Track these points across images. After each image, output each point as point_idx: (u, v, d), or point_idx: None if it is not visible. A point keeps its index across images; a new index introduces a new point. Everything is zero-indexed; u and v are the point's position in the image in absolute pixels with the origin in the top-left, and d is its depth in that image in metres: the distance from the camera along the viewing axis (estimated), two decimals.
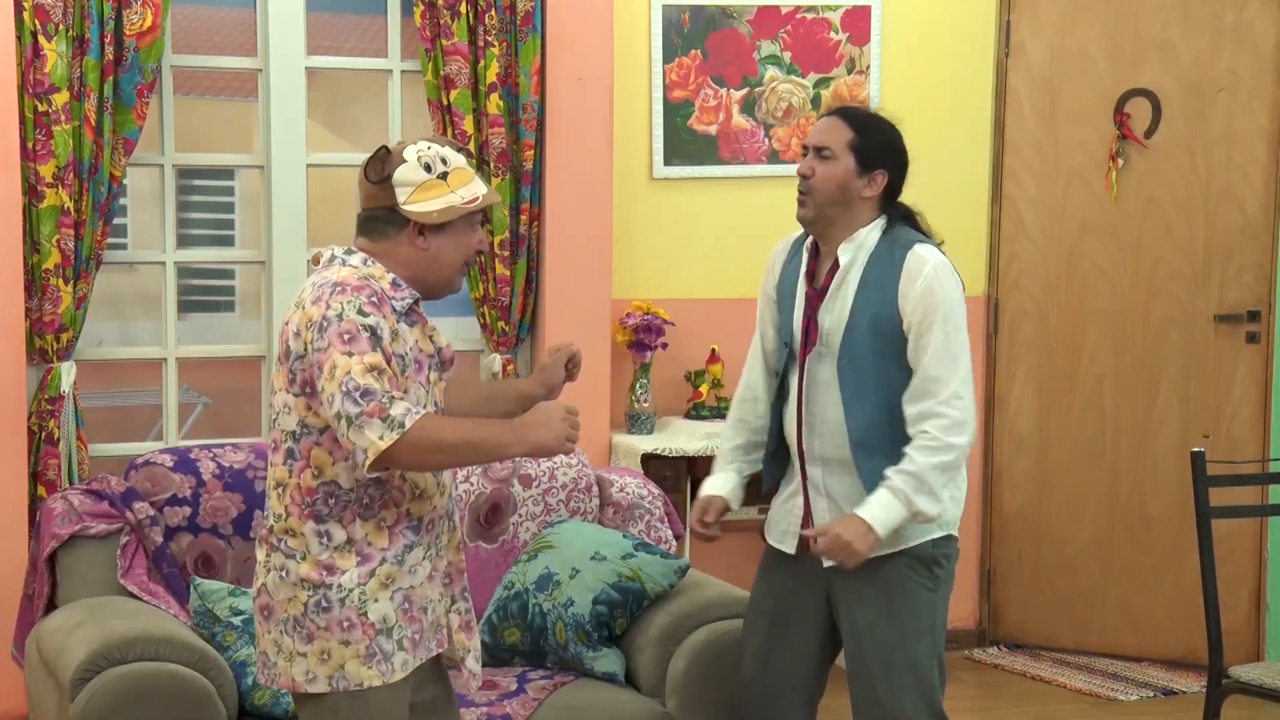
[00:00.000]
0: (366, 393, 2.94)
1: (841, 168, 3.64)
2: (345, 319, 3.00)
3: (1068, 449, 6.07)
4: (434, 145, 3.16)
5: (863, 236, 3.67)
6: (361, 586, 3.07)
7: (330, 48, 7.70)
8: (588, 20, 5.25)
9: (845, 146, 3.65)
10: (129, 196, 6.31)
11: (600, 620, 4.21)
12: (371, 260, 3.13)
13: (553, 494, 4.62)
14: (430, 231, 3.13)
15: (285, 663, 3.12)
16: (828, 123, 3.72)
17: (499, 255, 5.20)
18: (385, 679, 3.09)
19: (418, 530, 3.14)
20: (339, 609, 3.06)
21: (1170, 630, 5.96)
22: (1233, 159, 5.83)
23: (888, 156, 3.68)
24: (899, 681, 3.66)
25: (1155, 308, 5.94)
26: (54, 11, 4.63)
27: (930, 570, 3.68)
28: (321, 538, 3.08)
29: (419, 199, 3.11)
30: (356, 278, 3.07)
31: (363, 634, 3.07)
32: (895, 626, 3.66)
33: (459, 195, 3.13)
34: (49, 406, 4.75)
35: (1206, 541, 4.41)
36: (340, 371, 2.96)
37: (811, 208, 3.67)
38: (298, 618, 3.09)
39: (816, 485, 3.72)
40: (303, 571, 3.08)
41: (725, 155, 5.74)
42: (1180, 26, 5.84)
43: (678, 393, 5.69)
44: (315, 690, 3.09)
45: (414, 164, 3.12)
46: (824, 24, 5.79)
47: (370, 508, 3.09)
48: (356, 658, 3.07)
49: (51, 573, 4.18)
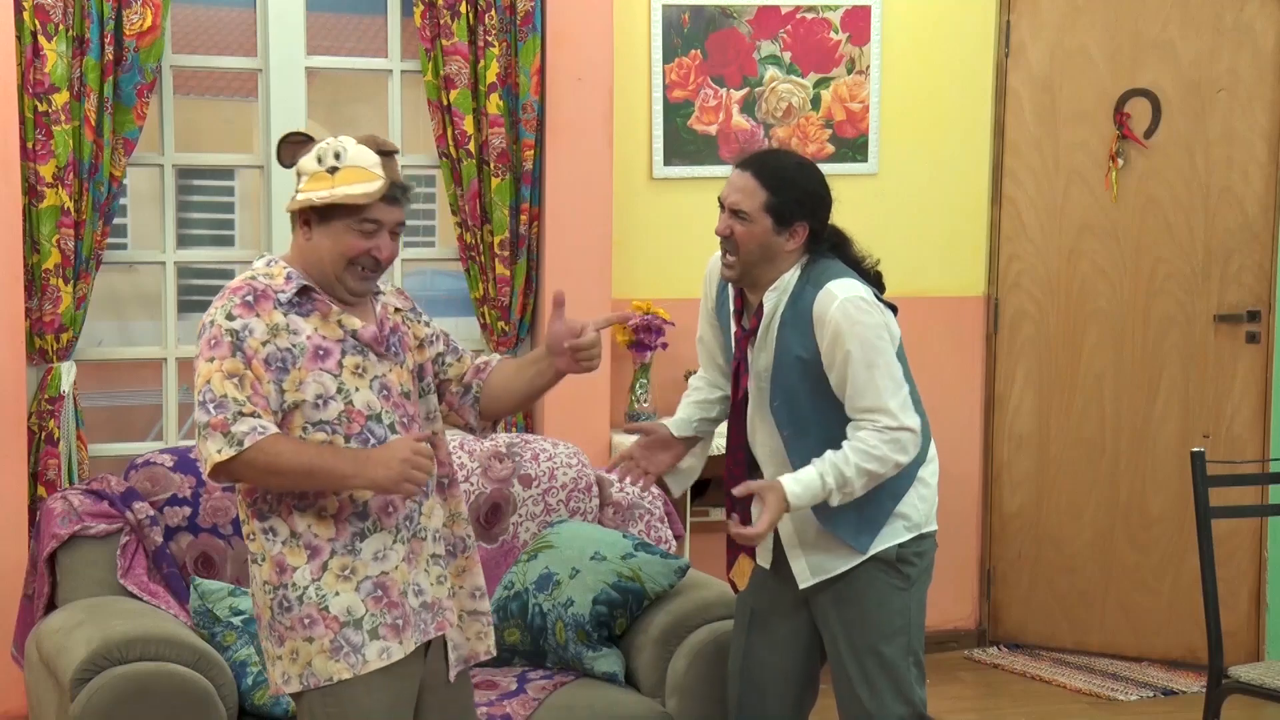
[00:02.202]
0: (220, 404, 2.99)
1: (759, 228, 3.61)
2: (215, 324, 3.06)
3: (1068, 449, 6.07)
4: (344, 140, 3.13)
5: (784, 282, 3.65)
6: (315, 582, 3.08)
7: (330, 48, 7.69)
8: (588, 20, 5.25)
9: (760, 209, 3.61)
10: (129, 196, 6.30)
11: (600, 620, 4.21)
12: (276, 261, 3.17)
13: (553, 494, 4.62)
14: (314, 224, 3.13)
15: (270, 667, 3.15)
16: (741, 179, 3.65)
17: (499, 255, 5.20)
18: (355, 670, 3.08)
19: (365, 517, 3.12)
20: (298, 607, 3.08)
21: (1170, 630, 5.96)
22: (1233, 159, 5.83)
23: (805, 208, 3.63)
24: (877, 684, 3.71)
25: (1155, 307, 5.94)
26: (54, 11, 4.63)
27: (899, 570, 3.71)
28: (268, 534, 3.10)
29: (304, 189, 3.13)
30: (242, 280, 3.13)
31: (325, 629, 3.07)
32: (869, 629, 3.70)
33: (329, 192, 3.09)
34: (49, 406, 4.75)
35: (1206, 541, 4.40)
36: (201, 380, 3.02)
37: (737, 267, 3.66)
38: (270, 622, 3.12)
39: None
40: (264, 575, 3.12)
41: (725, 155, 5.74)
42: (1180, 26, 5.84)
43: (678, 393, 5.64)
44: (291, 690, 3.11)
45: (312, 154, 3.13)
46: (824, 24, 5.79)
47: (305, 498, 3.09)
48: (322, 653, 3.07)
49: (51, 573, 4.18)
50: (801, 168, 3.69)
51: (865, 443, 3.52)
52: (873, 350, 3.54)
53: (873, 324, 3.55)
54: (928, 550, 3.76)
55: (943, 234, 5.99)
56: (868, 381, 3.53)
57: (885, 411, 3.53)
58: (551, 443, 4.74)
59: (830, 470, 3.50)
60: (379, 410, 3.15)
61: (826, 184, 3.69)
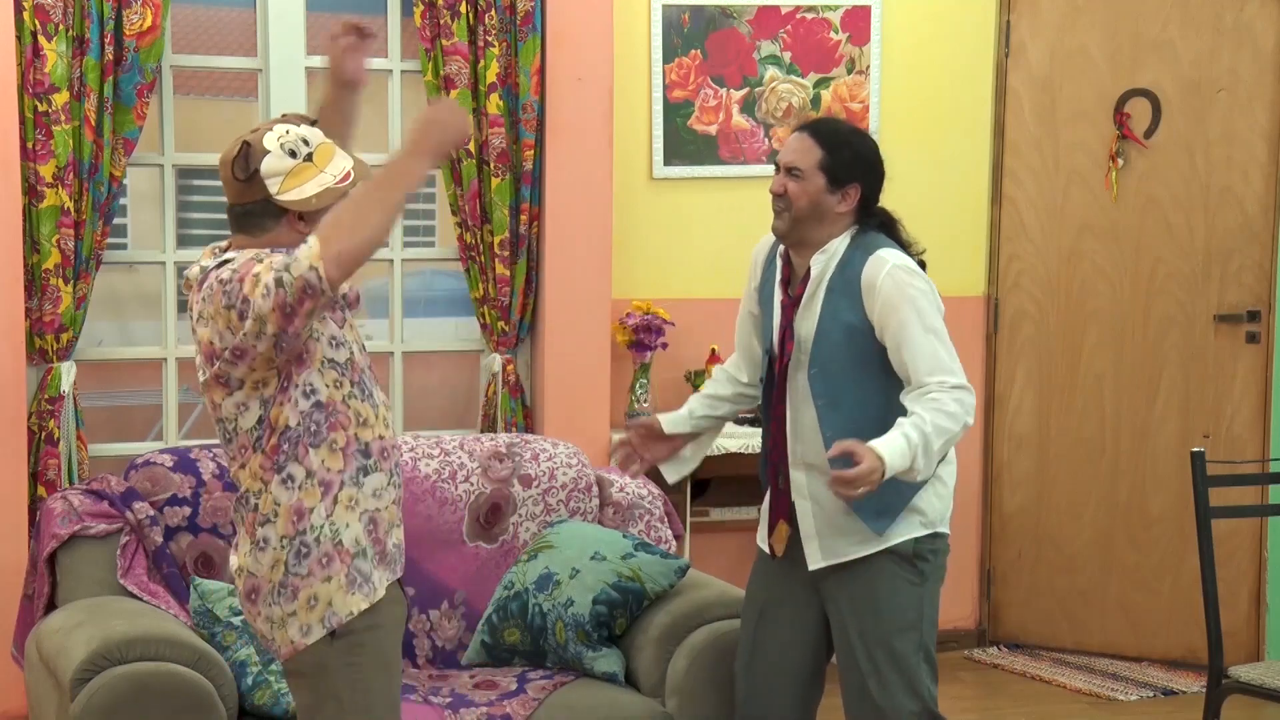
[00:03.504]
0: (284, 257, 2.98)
1: (813, 185, 3.65)
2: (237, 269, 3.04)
3: (1067, 449, 6.06)
4: (292, 128, 3.15)
5: (834, 246, 3.67)
6: (329, 518, 3.12)
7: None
8: (588, 20, 5.25)
9: (815, 166, 3.66)
10: (129, 196, 6.31)
11: (600, 620, 4.21)
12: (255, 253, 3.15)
13: (553, 494, 4.62)
14: (309, 215, 3.14)
15: (281, 631, 3.15)
16: (797, 141, 3.72)
17: (499, 255, 5.20)
18: (370, 600, 3.14)
19: (368, 455, 3.18)
20: (316, 548, 3.11)
21: (1170, 630, 5.96)
22: (1233, 159, 5.83)
23: (859, 170, 3.68)
24: (887, 677, 3.70)
25: (1155, 308, 5.94)
26: (54, 11, 4.63)
27: (914, 565, 3.71)
28: (286, 483, 3.12)
29: (291, 186, 3.12)
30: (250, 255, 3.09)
31: (341, 563, 3.12)
32: (881, 623, 3.70)
33: (329, 175, 3.13)
34: (49, 406, 4.75)
35: (1206, 541, 4.40)
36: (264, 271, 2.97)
37: (787, 220, 3.68)
38: (281, 580, 3.13)
39: (800, 489, 3.74)
40: (280, 529, 3.13)
41: (725, 155, 5.74)
42: (1180, 26, 5.84)
43: (678, 393, 5.68)
44: (312, 639, 3.12)
45: (278, 152, 3.12)
46: (824, 24, 5.79)
47: (318, 434, 3.12)
48: (340, 589, 3.11)
49: (51, 573, 4.18)
50: (857, 133, 3.78)
51: (938, 402, 3.48)
52: (929, 315, 3.56)
53: (926, 290, 3.59)
54: (941, 549, 3.76)
55: (943, 234, 5.98)
56: (927, 344, 3.53)
57: (949, 371, 3.52)
58: (551, 443, 4.74)
59: (912, 429, 3.44)
60: (365, 365, 3.24)
61: (880, 155, 3.73)
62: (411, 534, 4.37)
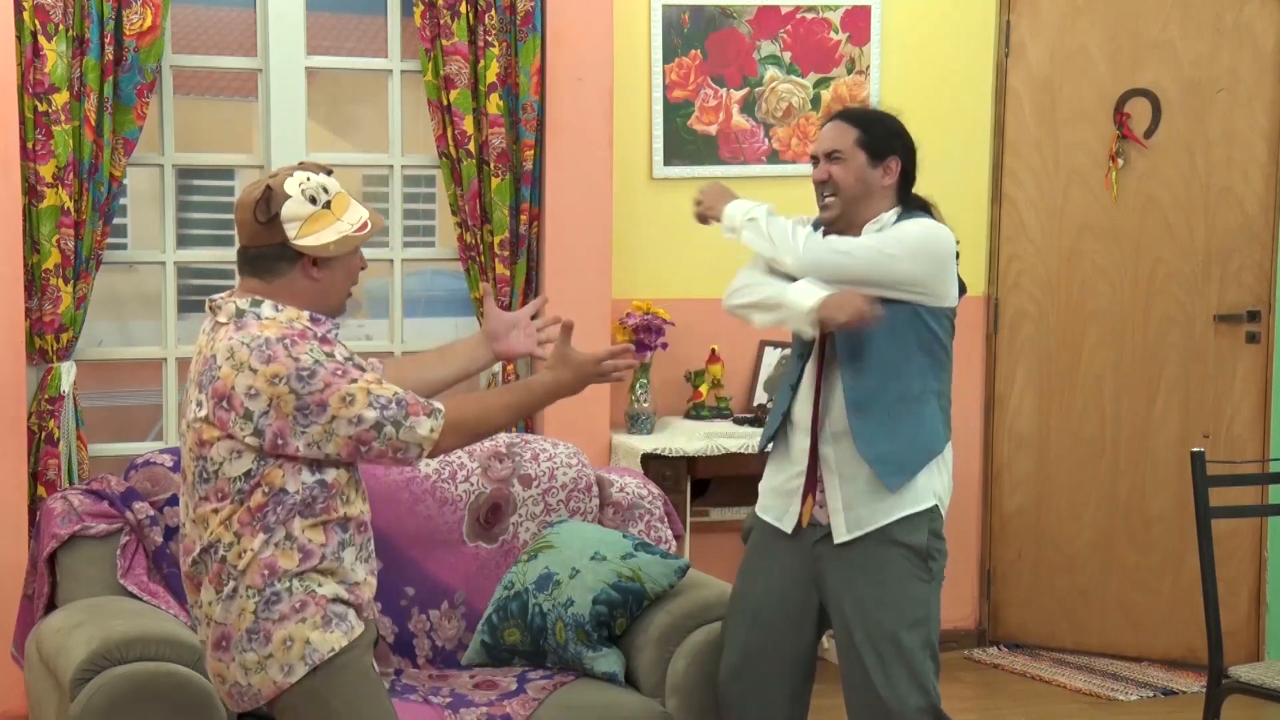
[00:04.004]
0: (398, 401, 3.10)
1: (855, 164, 3.76)
2: (319, 363, 3.08)
3: (1067, 449, 6.07)
4: (312, 175, 3.17)
5: (884, 219, 3.78)
6: (303, 575, 3.12)
7: (330, 48, 7.68)
8: (588, 20, 5.25)
9: (854, 145, 3.77)
10: (129, 196, 6.29)
11: (600, 620, 4.21)
12: (279, 306, 3.16)
13: (553, 494, 4.62)
14: (323, 263, 3.16)
15: (260, 675, 3.14)
16: (831, 128, 3.84)
17: (499, 255, 5.20)
18: (349, 637, 3.15)
19: (346, 529, 3.19)
20: (288, 597, 3.11)
21: (1170, 630, 5.96)
22: (1233, 159, 5.83)
23: (896, 144, 3.81)
24: (894, 672, 3.72)
25: (1155, 307, 5.94)
26: (54, 11, 4.63)
27: (925, 563, 3.75)
28: (265, 543, 3.12)
29: (309, 232, 3.13)
30: (288, 327, 3.12)
31: (316, 607, 3.12)
32: (890, 617, 3.73)
33: (347, 224, 3.16)
34: (49, 406, 4.75)
35: (1206, 541, 4.41)
36: (360, 395, 3.07)
37: (836, 205, 3.79)
38: (251, 628, 3.12)
39: (828, 462, 3.78)
40: (249, 581, 3.12)
41: (725, 155, 5.74)
42: (1180, 26, 5.84)
43: (678, 393, 5.69)
44: (295, 678, 3.11)
45: (299, 198, 3.13)
46: (824, 24, 5.79)
47: (311, 506, 3.12)
48: (317, 628, 3.12)
49: (51, 573, 4.18)
50: (886, 112, 3.89)
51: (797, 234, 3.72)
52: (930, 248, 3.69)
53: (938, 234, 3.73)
54: (944, 551, 3.82)
55: None
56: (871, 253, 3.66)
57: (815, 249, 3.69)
58: (551, 443, 4.74)
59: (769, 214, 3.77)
60: None
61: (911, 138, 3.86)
62: (411, 534, 4.38)
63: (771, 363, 5.77)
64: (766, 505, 3.94)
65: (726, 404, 5.68)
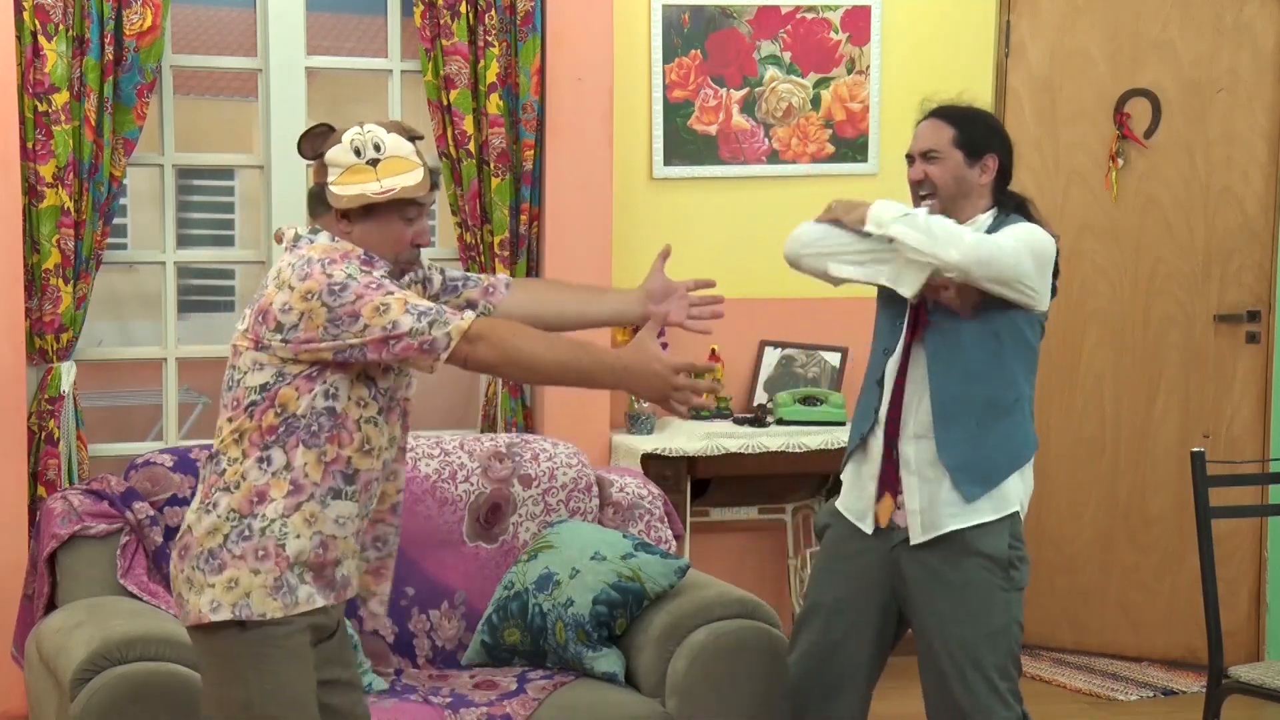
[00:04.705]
0: (436, 310, 3.02)
1: (952, 162, 3.71)
2: (356, 279, 3.04)
3: (1068, 449, 6.06)
4: (375, 130, 3.14)
5: (981, 221, 3.72)
6: (284, 519, 3.10)
7: (330, 48, 7.70)
8: (588, 20, 5.25)
9: (950, 144, 3.73)
10: (129, 196, 6.31)
11: (600, 620, 4.21)
12: (335, 237, 3.16)
13: (553, 494, 4.62)
14: (355, 216, 3.14)
15: (194, 596, 3.11)
16: (927, 127, 3.78)
17: (499, 255, 5.20)
18: (287, 611, 3.10)
19: (351, 481, 3.15)
20: (258, 538, 3.09)
21: (1170, 630, 5.96)
22: (1233, 159, 5.83)
23: (994, 141, 3.76)
24: (975, 683, 3.68)
25: (1155, 307, 5.94)
26: (54, 11, 4.63)
27: (1006, 572, 3.71)
28: (261, 463, 3.10)
29: (343, 182, 3.12)
30: (334, 249, 3.11)
31: (274, 564, 3.09)
32: (969, 630, 3.69)
33: (379, 184, 3.11)
34: (49, 406, 4.75)
35: (1206, 541, 4.41)
36: (395, 304, 3.01)
37: (936, 206, 3.71)
38: (214, 549, 3.10)
39: (908, 463, 3.74)
40: (233, 503, 3.10)
41: (725, 155, 5.74)
42: (1180, 26, 5.84)
43: None
44: (218, 618, 3.08)
45: (345, 146, 3.12)
46: (824, 24, 5.79)
47: (316, 436, 3.10)
48: (263, 588, 3.08)
49: (51, 573, 4.18)
50: (981, 109, 3.85)
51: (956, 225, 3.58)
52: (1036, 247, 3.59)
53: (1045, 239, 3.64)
54: (1027, 558, 3.77)
55: None
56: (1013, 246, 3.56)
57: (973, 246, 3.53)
58: (551, 443, 4.74)
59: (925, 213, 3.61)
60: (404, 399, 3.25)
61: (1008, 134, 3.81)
62: (411, 534, 4.38)
63: (772, 363, 5.77)
64: (848, 503, 3.88)
65: (726, 404, 5.68)
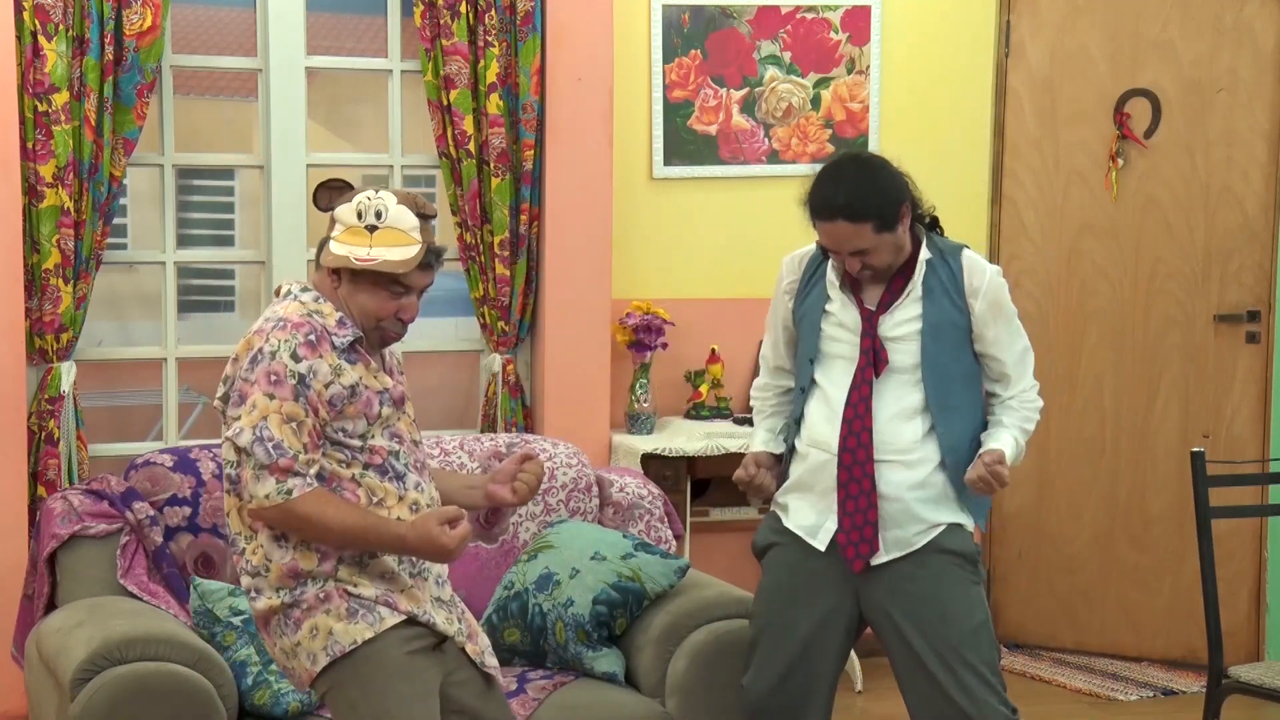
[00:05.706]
0: (278, 447, 3.05)
1: (884, 245, 3.70)
2: (277, 359, 3.08)
3: (1068, 449, 6.06)
4: (385, 197, 3.16)
5: (921, 259, 3.78)
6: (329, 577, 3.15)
7: (330, 48, 7.68)
8: (588, 20, 5.25)
9: (873, 234, 3.68)
10: (129, 196, 6.29)
11: (600, 620, 4.21)
12: (323, 298, 3.19)
13: (553, 494, 4.62)
14: (345, 278, 3.18)
15: (295, 660, 3.17)
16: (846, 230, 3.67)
17: (499, 255, 5.20)
18: (375, 629, 3.14)
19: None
20: (314, 587, 3.15)
21: (1170, 630, 5.96)
22: (1233, 159, 5.83)
23: (897, 195, 3.72)
24: (967, 681, 3.69)
25: (1155, 308, 5.94)
26: (54, 11, 4.63)
27: (975, 567, 3.78)
28: (278, 540, 3.14)
29: (340, 241, 3.17)
30: (300, 314, 3.14)
31: (340, 599, 3.14)
32: (953, 629, 3.70)
33: (368, 251, 3.13)
34: (49, 406, 4.75)
35: (1206, 541, 4.41)
36: (257, 414, 3.06)
37: (882, 276, 3.77)
38: (281, 617, 3.16)
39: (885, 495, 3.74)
40: (273, 580, 3.16)
41: (725, 155, 5.74)
42: (1180, 26, 5.84)
43: (677, 393, 5.69)
44: (319, 667, 3.15)
45: (352, 206, 3.17)
46: (824, 24, 5.79)
47: None
48: (340, 619, 3.13)
49: (51, 573, 4.18)
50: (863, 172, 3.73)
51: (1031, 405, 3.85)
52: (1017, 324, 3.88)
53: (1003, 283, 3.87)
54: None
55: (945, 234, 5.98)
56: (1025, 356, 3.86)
57: (1035, 386, 3.88)
58: (551, 443, 4.74)
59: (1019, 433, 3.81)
60: (397, 449, 3.25)
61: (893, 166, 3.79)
62: None
63: None
64: (799, 520, 3.83)
65: (726, 404, 5.68)
